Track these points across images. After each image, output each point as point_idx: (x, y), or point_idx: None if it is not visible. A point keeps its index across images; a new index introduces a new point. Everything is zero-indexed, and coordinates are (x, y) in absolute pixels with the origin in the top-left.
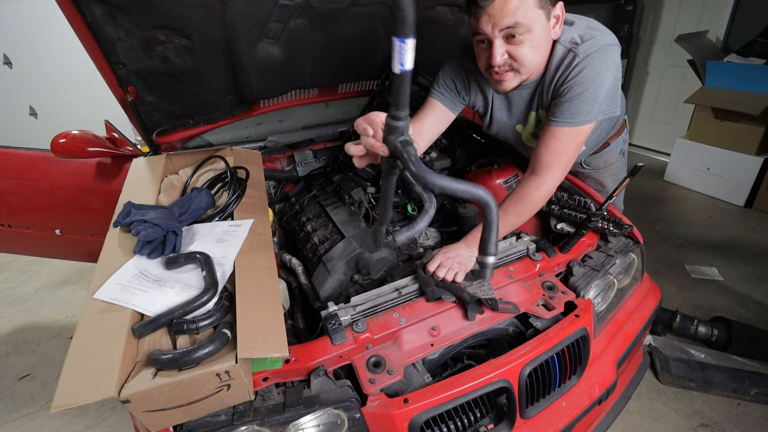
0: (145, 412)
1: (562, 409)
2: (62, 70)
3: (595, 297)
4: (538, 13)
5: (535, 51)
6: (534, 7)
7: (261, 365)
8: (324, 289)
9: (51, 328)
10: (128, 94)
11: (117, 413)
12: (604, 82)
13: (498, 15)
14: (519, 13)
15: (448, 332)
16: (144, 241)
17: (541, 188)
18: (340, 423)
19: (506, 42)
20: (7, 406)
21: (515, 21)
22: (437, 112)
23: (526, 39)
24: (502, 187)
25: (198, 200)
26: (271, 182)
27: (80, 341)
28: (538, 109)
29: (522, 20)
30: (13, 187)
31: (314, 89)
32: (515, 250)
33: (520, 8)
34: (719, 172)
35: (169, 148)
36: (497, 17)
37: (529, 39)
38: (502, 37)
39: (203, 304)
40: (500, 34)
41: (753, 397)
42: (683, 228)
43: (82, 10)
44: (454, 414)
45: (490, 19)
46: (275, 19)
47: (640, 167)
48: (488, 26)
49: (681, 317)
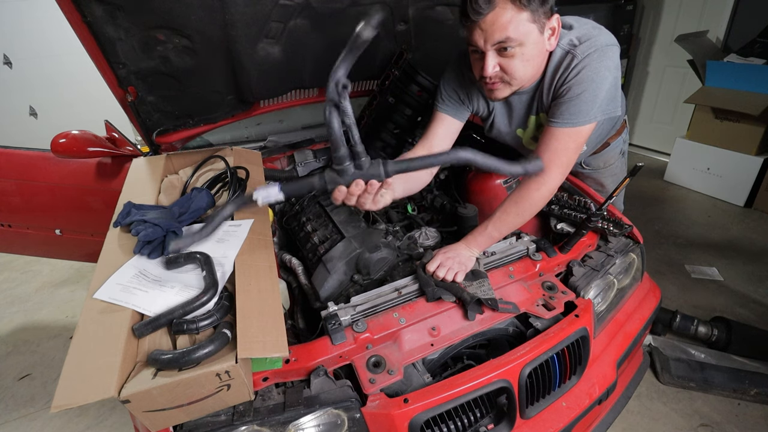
0: (145, 412)
1: (562, 409)
2: (62, 70)
3: (595, 297)
4: (530, 28)
5: (527, 64)
6: (526, 22)
7: (261, 365)
8: (324, 289)
9: (51, 328)
10: (128, 94)
11: (117, 413)
12: (603, 82)
13: (490, 29)
14: (510, 28)
15: (448, 332)
16: (144, 241)
17: (542, 188)
18: (340, 423)
19: (498, 55)
20: (7, 406)
21: (506, 36)
22: (446, 125)
23: (517, 53)
24: (502, 187)
25: (198, 200)
26: (271, 182)
27: (80, 341)
28: (539, 113)
29: (513, 35)
30: (13, 187)
31: (314, 89)
32: (515, 250)
33: (512, 23)
34: (719, 172)
35: (169, 148)
36: (489, 31)
37: (521, 53)
38: (494, 50)
39: (203, 304)
40: (492, 47)
41: (753, 397)
42: (683, 228)
43: (82, 10)
44: (454, 414)
45: (483, 33)
46: (275, 19)
47: (640, 167)
48: (480, 40)
49: (681, 317)
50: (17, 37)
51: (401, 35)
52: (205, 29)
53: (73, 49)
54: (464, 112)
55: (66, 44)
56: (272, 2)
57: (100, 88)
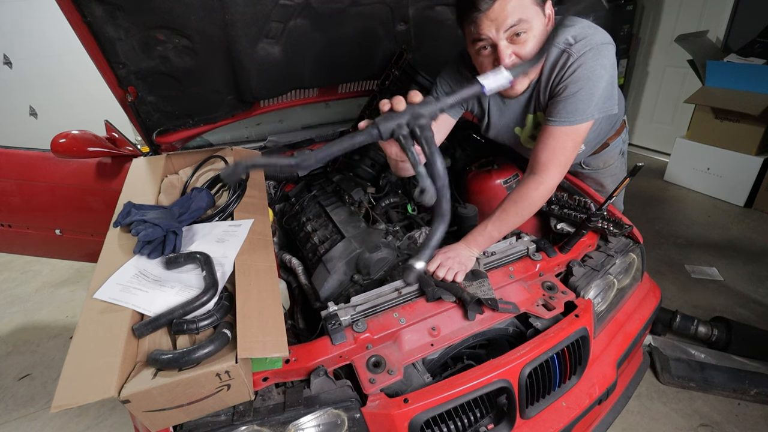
0: (145, 412)
1: (562, 409)
2: (62, 70)
3: (595, 297)
4: (536, 9)
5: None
6: (532, 4)
7: (261, 365)
8: (324, 289)
9: (51, 328)
10: (128, 94)
11: (117, 413)
12: (599, 80)
13: (500, 17)
14: (520, 10)
15: (448, 332)
16: (144, 241)
17: (540, 188)
18: (340, 423)
19: (510, 43)
20: (7, 406)
21: (518, 18)
22: (439, 121)
23: (530, 36)
24: (502, 187)
25: (198, 200)
26: (271, 182)
27: (80, 341)
28: (536, 112)
29: (524, 16)
30: (13, 187)
31: (314, 89)
32: (515, 250)
33: (519, 5)
34: (719, 172)
35: (169, 148)
36: (500, 19)
37: (533, 36)
38: (506, 38)
39: (203, 304)
40: (505, 35)
41: (753, 397)
42: (683, 228)
43: (82, 10)
44: (454, 414)
45: (493, 22)
46: (275, 19)
47: (640, 167)
48: (491, 30)
49: (681, 317)
50: (17, 37)
51: (401, 35)
52: (205, 29)
53: (73, 49)
54: (458, 110)
55: (66, 44)
56: (272, 2)
57: (100, 88)
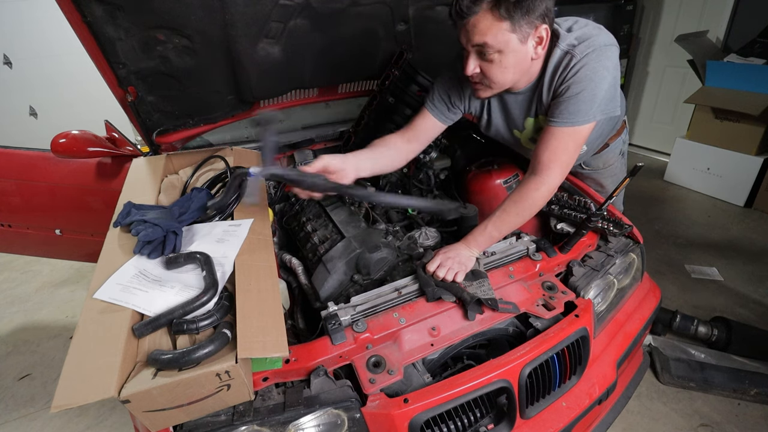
0: (145, 412)
1: (562, 409)
2: (62, 70)
3: (595, 297)
4: (509, 37)
5: (505, 71)
6: (506, 31)
7: (261, 365)
8: (324, 289)
9: (51, 328)
10: (128, 94)
11: (117, 413)
12: (602, 81)
13: (471, 32)
14: (489, 35)
15: (448, 332)
16: (144, 241)
17: (541, 188)
18: (340, 423)
19: (479, 58)
20: (7, 406)
21: (484, 41)
22: (429, 123)
23: (496, 59)
24: (502, 187)
25: (198, 200)
26: (271, 182)
27: (80, 341)
28: (538, 115)
29: (491, 42)
30: (13, 187)
31: (314, 89)
32: (515, 250)
33: (490, 31)
34: (719, 172)
35: (169, 148)
36: (470, 34)
37: (499, 60)
38: (475, 52)
39: (203, 304)
40: (473, 49)
41: (753, 397)
42: (683, 228)
43: (82, 10)
44: (454, 414)
45: (466, 34)
46: (275, 19)
47: (640, 167)
48: (464, 39)
49: (681, 317)
50: (17, 37)
51: (401, 35)
52: (205, 29)
53: (73, 49)
54: (451, 115)
55: (66, 44)
56: (272, 2)
57: (100, 88)
